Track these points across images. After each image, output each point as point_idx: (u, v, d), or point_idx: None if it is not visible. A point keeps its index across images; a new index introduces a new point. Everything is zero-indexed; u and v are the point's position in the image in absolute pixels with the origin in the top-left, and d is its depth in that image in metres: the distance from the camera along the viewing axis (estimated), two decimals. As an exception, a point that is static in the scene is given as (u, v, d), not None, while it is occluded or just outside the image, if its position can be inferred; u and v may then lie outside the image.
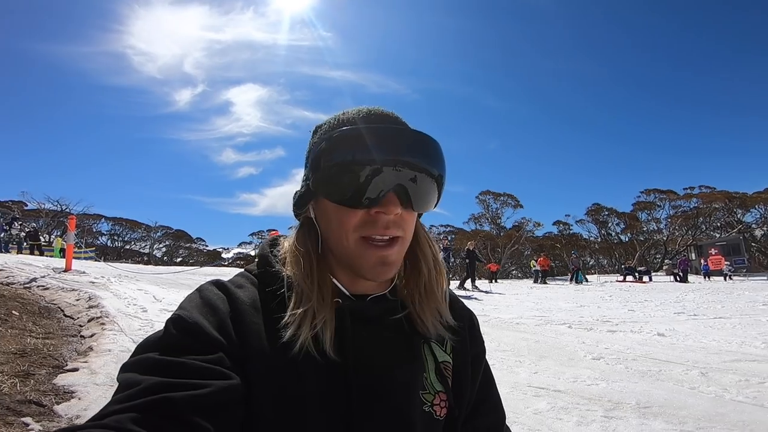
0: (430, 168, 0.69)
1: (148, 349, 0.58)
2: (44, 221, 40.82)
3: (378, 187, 0.65)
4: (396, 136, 0.68)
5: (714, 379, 4.07)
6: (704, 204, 40.39)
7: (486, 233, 43.03)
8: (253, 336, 0.63)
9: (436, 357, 0.75)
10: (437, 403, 0.71)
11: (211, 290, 0.68)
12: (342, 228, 0.68)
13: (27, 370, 3.07)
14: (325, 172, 0.67)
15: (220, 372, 0.56)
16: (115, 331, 4.33)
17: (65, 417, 2.50)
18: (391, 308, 0.74)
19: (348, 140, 0.67)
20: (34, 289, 6.47)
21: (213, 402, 0.52)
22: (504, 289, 16.59)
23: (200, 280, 7.50)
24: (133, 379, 0.53)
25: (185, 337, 0.59)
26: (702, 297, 13.02)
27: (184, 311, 0.63)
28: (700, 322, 7.81)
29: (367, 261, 0.67)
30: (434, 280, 0.77)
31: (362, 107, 0.74)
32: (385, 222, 0.67)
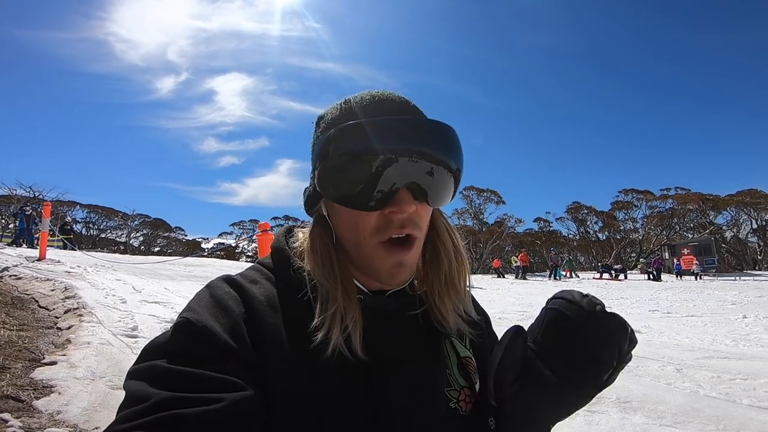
0: (447, 159, 0.64)
1: (156, 355, 0.55)
2: (15, 207, 39.46)
3: (389, 185, 0.60)
4: (404, 125, 0.63)
5: (689, 375, 4.21)
6: (679, 205, 41.61)
7: (468, 228, 43.40)
8: (272, 339, 0.59)
9: (458, 352, 0.72)
10: (462, 399, 0.68)
11: (223, 288, 0.63)
12: (358, 230, 0.64)
13: (2, 363, 2.95)
14: (331, 171, 0.62)
15: (234, 383, 0.53)
16: (93, 322, 4.20)
17: (46, 412, 2.41)
18: (411, 303, 0.70)
19: (352, 133, 0.61)
20: (6, 278, 6.25)
21: (226, 417, 0.49)
22: (485, 284, 16.80)
23: (180, 271, 7.39)
24: (142, 393, 0.50)
25: (194, 343, 0.55)
26: (675, 295, 13.45)
27: (193, 313, 0.58)
28: (673, 320, 8.07)
29: (384, 264, 0.64)
30: (455, 272, 0.72)
31: (369, 92, 0.68)
32: (400, 221, 0.63)
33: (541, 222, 48.17)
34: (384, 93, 0.69)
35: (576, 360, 0.58)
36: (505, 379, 0.62)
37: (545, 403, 0.62)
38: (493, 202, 45.97)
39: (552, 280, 22.97)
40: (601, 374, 0.59)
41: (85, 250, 17.51)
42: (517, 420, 0.64)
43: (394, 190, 0.61)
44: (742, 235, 40.32)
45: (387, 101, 0.67)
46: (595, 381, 0.59)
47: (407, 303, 0.71)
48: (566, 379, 0.59)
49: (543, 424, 0.66)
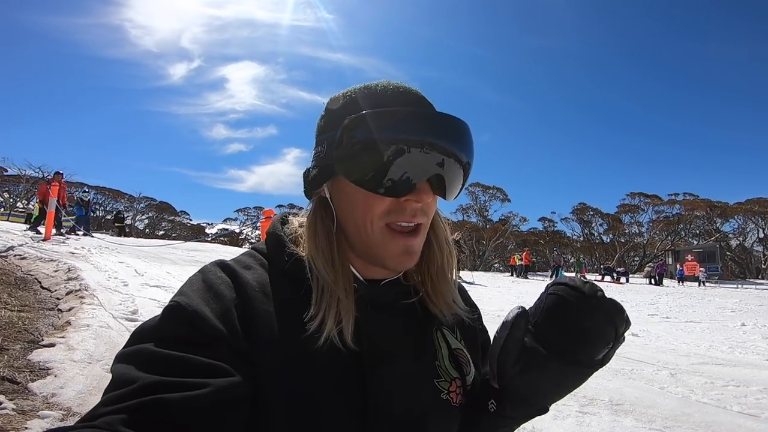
0: (465, 156, 0.65)
1: (145, 338, 0.55)
2: (24, 187, 39.79)
3: (415, 174, 0.61)
4: (438, 121, 0.63)
5: (682, 380, 4.21)
6: (686, 211, 41.34)
7: (472, 225, 43.35)
8: (263, 326, 0.59)
9: (450, 344, 0.72)
10: (453, 390, 0.68)
11: (215, 272, 0.63)
12: (367, 214, 0.63)
13: (0, 345, 2.97)
14: (353, 151, 0.61)
15: (221, 368, 0.52)
16: (94, 305, 4.25)
17: (40, 395, 2.42)
18: (404, 293, 0.71)
19: (387, 119, 0.61)
20: (11, 258, 6.32)
21: (210, 403, 0.49)
22: (486, 282, 16.81)
23: (183, 256, 7.42)
24: (128, 376, 0.50)
25: (184, 327, 0.55)
26: (675, 301, 13.41)
27: (184, 297, 0.58)
28: (672, 325, 8.06)
29: (391, 250, 0.64)
30: (446, 263, 0.73)
31: (389, 82, 0.68)
32: (413, 210, 0.63)
33: (545, 222, 48.06)
34: (404, 85, 0.68)
35: (576, 339, 0.59)
36: (508, 360, 0.62)
37: (546, 383, 0.62)
38: (498, 199, 45.95)
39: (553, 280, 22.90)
40: (599, 352, 0.59)
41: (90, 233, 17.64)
42: (517, 400, 0.64)
43: (417, 181, 0.61)
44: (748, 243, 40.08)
45: (411, 94, 0.67)
46: (592, 359, 0.60)
47: (401, 293, 0.71)
48: (566, 358, 0.59)
49: (542, 404, 0.65)
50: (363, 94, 0.66)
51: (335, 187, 0.67)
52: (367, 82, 0.68)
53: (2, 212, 29.06)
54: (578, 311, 0.58)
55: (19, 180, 40.30)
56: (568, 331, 0.59)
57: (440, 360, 0.70)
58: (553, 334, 0.60)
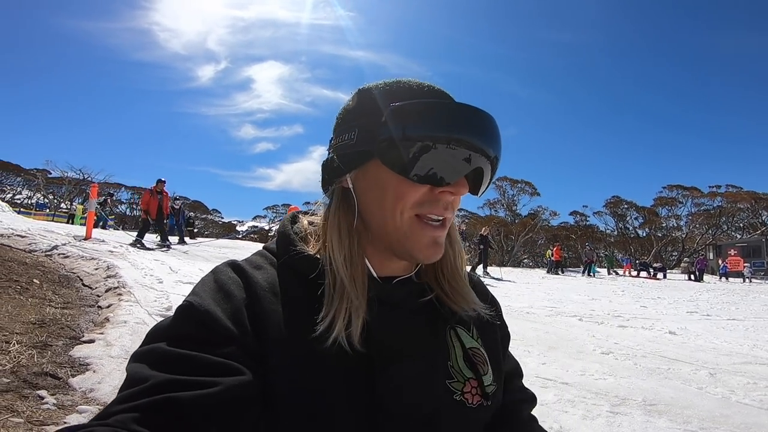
0: (499, 156, 0.65)
1: (157, 338, 0.56)
2: (67, 188, 41.77)
3: (456, 168, 0.61)
4: (485, 120, 0.63)
5: (722, 380, 4.03)
6: (729, 203, 39.42)
7: (500, 220, 42.69)
8: (272, 325, 0.59)
9: (464, 343, 0.71)
10: (468, 390, 0.67)
11: (226, 272, 0.64)
12: (398, 203, 0.62)
13: (45, 341, 3.12)
14: (397, 138, 0.60)
15: (232, 367, 0.53)
16: (131, 302, 4.42)
17: (79, 390, 2.53)
18: (417, 291, 0.71)
19: (436, 109, 0.62)
20: (55, 257, 6.64)
21: (221, 401, 0.50)
22: (515, 278, 16.52)
23: (214, 252, 7.62)
24: (141, 374, 0.51)
25: (195, 327, 0.56)
26: (716, 297, 12.83)
27: (196, 297, 0.59)
28: (712, 323, 7.71)
29: (420, 241, 0.64)
30: (458, 261, 0.74)
31: (423, 82, 0.68)
32: (446, 203, 0.64)
33: (577, 216, 46.85)
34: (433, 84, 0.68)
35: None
36: None
37: None
38: (527, 193, 45.02)
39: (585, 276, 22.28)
40: None
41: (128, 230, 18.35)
42: None
43: (457, 172, 0.62)
44: (797, 236, 37.85)
45: (443, 93, 0.67)
46: None
47: (413, 291, 0.71)
48: None
49: None
50: (399, 87, 0.66)
51: (361, 176, 0.66)
52: (398, 78, 0.68)
53: (47, 213, 30.65)
54: None
55: (62, 182, 42.35)
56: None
57: (453, 360, 0.69)
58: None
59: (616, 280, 20.41)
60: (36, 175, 42.01)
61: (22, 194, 42.80)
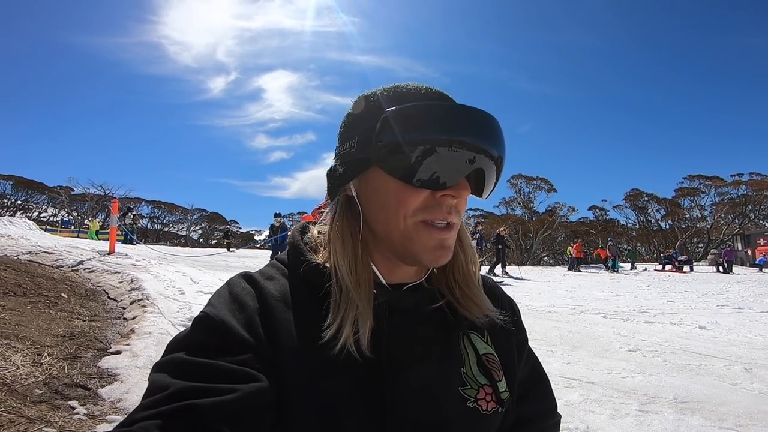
0: (503, 156, 0.65)
1: (177, 348, 0.58)
2: (89, 205, 42.86)
3: (457, 170, 0.61)
4: (483, 120, 0.63)
5: (759, 375, 3.89)
6: (754, 191, 38.23)
7: (517, 218, 42.14)
8: (284, 333, 0.61)
9: (477, 349, 0.71)
10: (482, 397, 0.67)
11: (240, 284, 0.66)
12: (400, 209, 0.62)
13: (74, 353, 3.21)
14: (393, 143, 0.60)
15: (249, 374, 0.55)
16: (155, 313, 4.51)
17: (108, 400, 2.59)
18: (428, 297, 0.70)
19: (430, 112, 0.61)
20: (81, 271, 6.82)
21: (240, 407, 0.52)
22: (536, 276, 16.30)
23: (233, 262, 7.73)
24: (162, 383, 0.53)
25: (212, 336, 0.58)
26: (748, 290, 12.41)
27: (212, 308, 0.61)
28: (745, 316, 7.46)
29: (426, 244, 0.63)
30: (471, 266, 0.73)
31: (420, 84, 0.68)
32: (448, 206, 0.63)
33: (596, 210, 45.81)
34: (433, 87, 0.68)
35: None
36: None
37: None
38: (543, 190, 44.20)
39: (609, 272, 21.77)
40: None
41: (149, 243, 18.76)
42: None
43: (457, 174, 0.62)
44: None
45: (443, 96, 0.67)
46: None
47: (424, 297, 0.70)
48: None
49: None
50: (396, 92, 0.66)
51: (363, 183, 0.67)
52: (396, 83, 0.68)
53: (72, 229, 31.51)
54: None
55: (84, 199, 43.47)
56: None
57: (467, 367, 0.69)
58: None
59: (640, 274, 19.95)
60: (59, 192, 43.21)
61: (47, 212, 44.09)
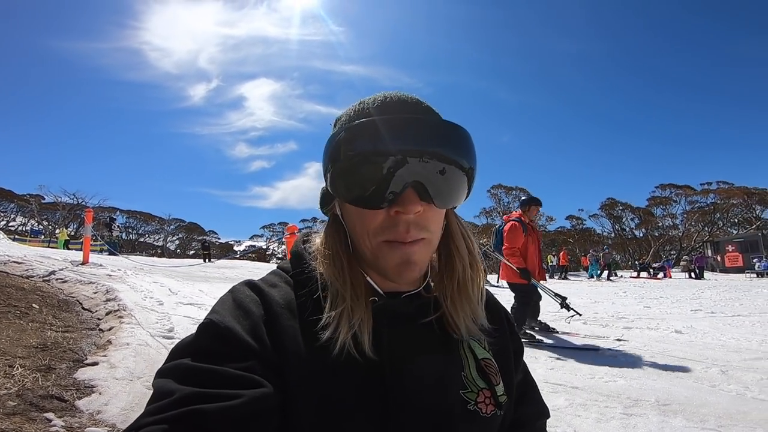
0: (457, 158, 0.63)
1: (181, 355, 0.58)
2: (61, 214, 41.54)
3: (393, 184, 0.60)
4: (412, 125, 0.62)
5: (735, 377, 4.00)
6: (722, 200, 39.82)
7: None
8: (289, 340, 0.61)
9: (476, 354, 0.72)
10: (482, 400, 0.68)
11: (244, 291, 0.66)
12: (363, 230, 0.64)
13: (48, 364, 3.09)
14: (339, 170, 0.63)
15: (253, 380, 0.55)
16: (132, 324, 4.38)
17: (86, 412, 2.49)
18: (425, 305, 0.70)
19: (359, 132, 0.61)
20: (53, 282, 6.57)
21: (245, 413, 0.51)
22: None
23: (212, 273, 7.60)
24: (167, 388, 0.53)
25: (217, 343, 0.58)
26: (719, 294, 12.80)
27: (217, 315, 0.61)
28: (718, 320, 7.68)
29: (390, 261, 0.64)
30: (469, 278, 0.71)
31: (383, 93, 0.68)
32: (405, 224, 0.62)
33: (573, 220, 47.05)
34: (397, 94, 0.68)
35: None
36: None
37: None
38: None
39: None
40: None
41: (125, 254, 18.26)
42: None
43: (397, 193, 0.60)
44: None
45: (398, 102, 0.67)
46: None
47: (423, 305, 0.70)
48: None
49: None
50: (351, 111, 0.69)
51: (341, 203, 0.69)
52: (364, 97, 0.70)
53: (42, 239, 30.40)
54: None
55: (55, 207, 42.10)
56: None
57: (467, 371, 0.70)
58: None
59: (617, 281, 20.38)
60: (29, 200, 41.77)
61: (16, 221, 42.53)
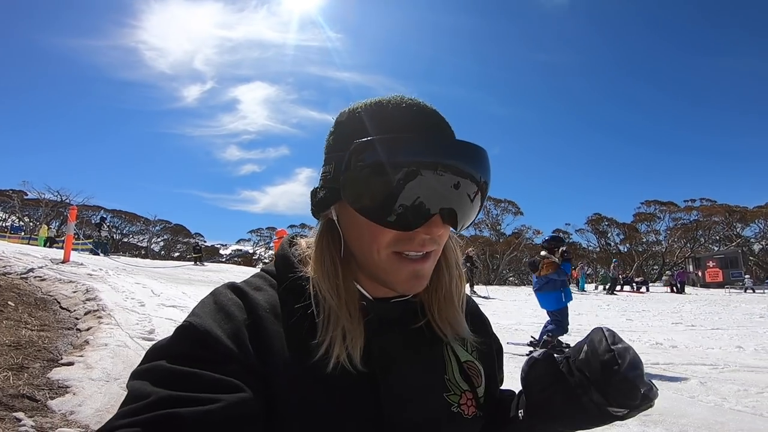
0: (483, 185, 0.62)
1: (158, 356, 0.56)
2: (43, 211, 40.70)
3: (425, 206, 0.58)
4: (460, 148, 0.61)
5: (713, 388, 4.06)
6: (704, 217, 40.64)
7: (485, 239, 43.03)
8: (274, 344, 0.59)
9: (459, 357, 0.73)
10: (464, 402, 0.69)
11: (226, 294, 0.64)
12: (374, 242, 0.61)
13: (21, 363, 3.00)
14: (359, 178, 0.59)
15: (232, 385, 0.53)
16: (111, 324, 4.28)
17: (59, 412, 2.43)
18: (412, 311, 0.70)
19: (395, 145, 0.58)
20: (31, 279, 6.42)
21: (223, 418, 0.50)
22: (502, 296, 16.57)
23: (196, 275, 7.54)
24: (142, 390, 0.51)
25: (195, 346, 0.56)
26: (699, 308, 13.04)
27: (196, 318, 0.59)
28: (697, 333, 7.81)
29: (400, 275, 0.62)
30: (454, 287, 0.72)
31: (404, 99, 0.65)
32: (422, 240, 0.61)
33: (560, 233, 47.43)
34: (418, 102, 0.66)
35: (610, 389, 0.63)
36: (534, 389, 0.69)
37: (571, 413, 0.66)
38: (510, 212, 45.63)
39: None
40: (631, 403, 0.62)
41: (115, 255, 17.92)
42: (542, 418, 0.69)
43: (429, 214, 0.59)
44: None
45: (425, 113, 0.65)
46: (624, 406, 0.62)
47: (409, 309, 0.70)
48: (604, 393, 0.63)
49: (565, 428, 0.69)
50: (373, 113, 0.64)
51: (342, 209, 0.65)
52: (380, 97, 0.66)
53: (23, 236, 29.68)
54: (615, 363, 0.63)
55: (38, 204, 41.22)
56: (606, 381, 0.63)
57: (449, 374, 0.70)
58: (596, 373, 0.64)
59: (599, 296, 20.60)
60: (11, 196, 40.74)
61: (-5, 217, 41.58)
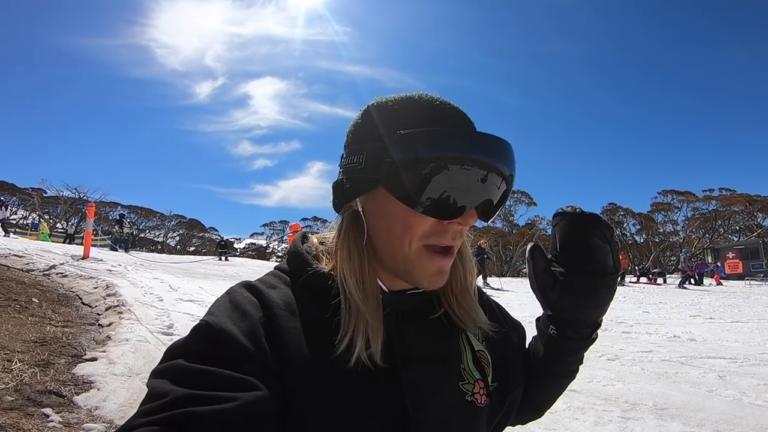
0: (512, 177, 0.65)
1: (176, 355, 0.57)
2: (62, 208, 41.57)
3: (466, 198, 0.61)
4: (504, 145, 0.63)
5: (732, 382, 4.00)
6: (723, 207, 39.74)
7: (498, 230, 42.79)
8: (292, 343, 0.60)
9: (473, 345, 0.74)
10: (477, 391, 0.70)
11: (241, 293, 0.65)
12: (406, 233, 0.62)
13: (47, 359, 3.09)
14: (405, 168, 0.59)
15: (249, 383, 0.53)
16: (132, 320, 4.38)
17: (84, 408, 2.50)
18: (428, 301, 0.72)
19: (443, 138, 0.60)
20: (53, 276, 6.59)
21: (240, 416, 0.50)
22: (516, 287, 16.45)
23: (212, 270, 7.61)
24: (161, 389, 0.52)
25: (213, 344, 0.57)
26: (718, 300, 12.78)
27: (212, 317, 0.60)
28: (716, 326, 7.68)
29: (426, 270, 0.64)
30: (469, 279, 0.74)
31: (431, 97, 0.66)
32: (454, 232, 0.63)
33: (574, 224, 46.86)
34: (442, 99, 0.67)
35: (583, 254, 0.68)
36: (546, 287, 0.71)
37: (583, 298, 0.69)
38: (523, 203, 45.32)
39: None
40: (604, 260, 0.68)
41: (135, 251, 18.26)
42: (570, 321, 0.72)
43: (467, 204, 0.61)
44: (794, 237, 38.04)
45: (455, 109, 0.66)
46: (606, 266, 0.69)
47: (425, 300, 0.72)
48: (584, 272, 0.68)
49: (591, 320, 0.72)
50: (406, 106, 0.65)
51: (371, 201, 0.65)
52: (409, 93, 0.67)
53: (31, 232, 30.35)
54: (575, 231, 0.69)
55: (57, 201, 42.13)
56: (577, 250, 0.69)
57: (465, 363, 0.71)
58: (569, 257, 0.69)
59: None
60: (31, 194, 41.76)
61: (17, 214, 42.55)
